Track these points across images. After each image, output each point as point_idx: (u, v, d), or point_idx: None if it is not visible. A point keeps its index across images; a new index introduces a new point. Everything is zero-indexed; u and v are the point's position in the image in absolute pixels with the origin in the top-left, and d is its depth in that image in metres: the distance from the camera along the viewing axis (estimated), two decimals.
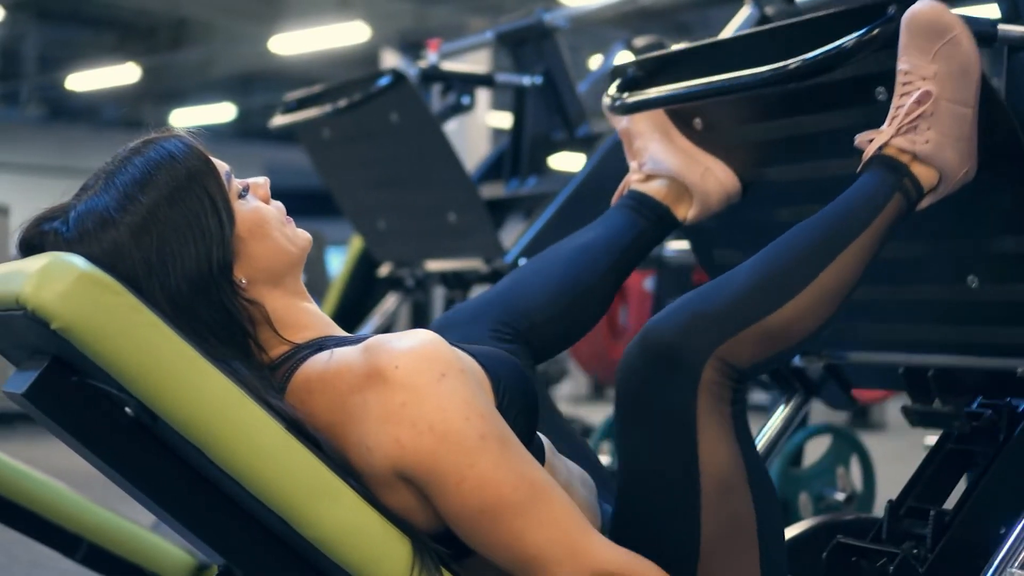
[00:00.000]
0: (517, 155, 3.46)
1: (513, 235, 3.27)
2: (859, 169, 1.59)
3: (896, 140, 1.56)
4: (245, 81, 14.29)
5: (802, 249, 1.51)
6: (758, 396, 4.80)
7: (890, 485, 1.97)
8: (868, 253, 1.53)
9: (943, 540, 1.76)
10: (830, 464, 3.30)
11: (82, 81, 13.06)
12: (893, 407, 6.83)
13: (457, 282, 3.36)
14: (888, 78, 1.59)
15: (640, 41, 3.79)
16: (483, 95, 3.66)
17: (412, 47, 8.27)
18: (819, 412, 4.05)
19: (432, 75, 3.37)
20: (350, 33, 10.53)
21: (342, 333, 1.51)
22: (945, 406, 1.87)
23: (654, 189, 1.90)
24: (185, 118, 15.41)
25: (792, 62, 1.57)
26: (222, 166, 1.46)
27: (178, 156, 1.42)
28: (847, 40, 1.54)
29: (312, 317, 1.49)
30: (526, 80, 3.43)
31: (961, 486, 1.88)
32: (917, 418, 1.92)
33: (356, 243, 4.39)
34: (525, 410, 1.44)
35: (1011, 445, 1.78)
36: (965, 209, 1.63)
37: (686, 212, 1.89)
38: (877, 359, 2.00)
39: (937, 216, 1.60)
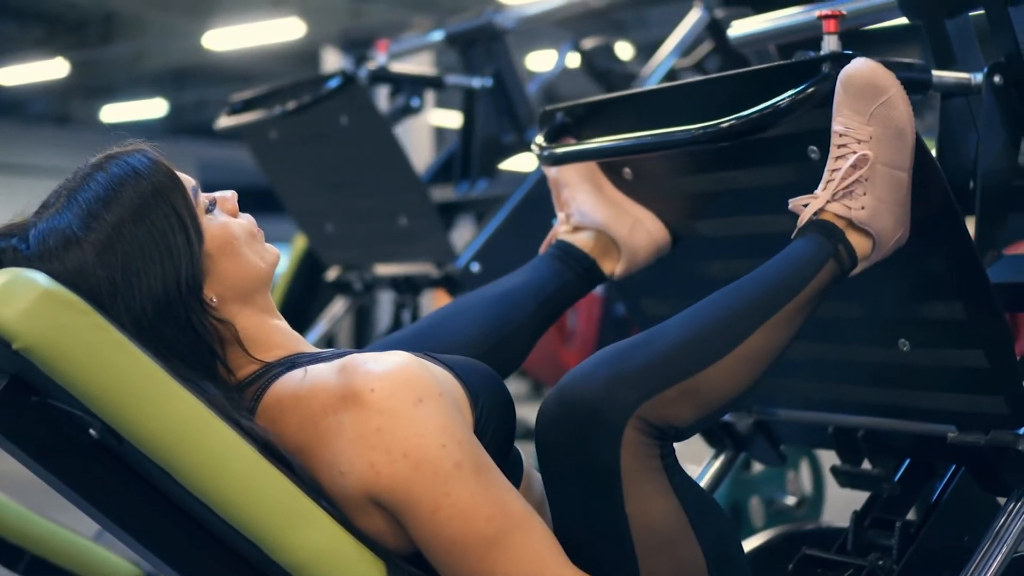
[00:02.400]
0: (467, 157, 3.44)
1: (462, 238, 3.24)
2: (793, 235, 1.55)
3: (831, 206, 1.52)
4: (177, 76, 14.13)
5: (731, 311, 1.47)
6: None
7: (838, 487, 1.96)
8: (798, 318, 1.49)
9: (909, 551, 1.77)
10: (780, 468, 3.31)
11: (9, 76, 12.84)
12: None
13: (407, 286, 3.32)
14: (821, 136, 1.55)
15: (588, 43, 3.79)
16: (428, 93, 3.62)
17: (353, 46, 8.21)
18: None
19: (381, 76, 3.33)
20: (285, 29, 10.44)
21: (313, 350, 1.47)
22: (875, 468, 1.85)
23: (581, 241, 1.84)
24: (115, 114, 15.22)
25: (725, 121, 1.53)
26: (188, 181, 1.42)
27: (143, 171, 1.38)
28: (781, 99, 1.50)
29: (282, 335, 1.46)
30: (476, 82, 3.41)
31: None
32: (846, 479, 1.90)
33: (299, 242, 4.34)
34: (503, 423, 1.42)
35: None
36: (897, 273, 1.61)
37: (613, 266, 1.84)
38: (807, 417, 1.96)
39: (870, 279, 1.57)
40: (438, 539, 1.30)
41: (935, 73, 1.67)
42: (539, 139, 1.82)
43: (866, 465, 1.90)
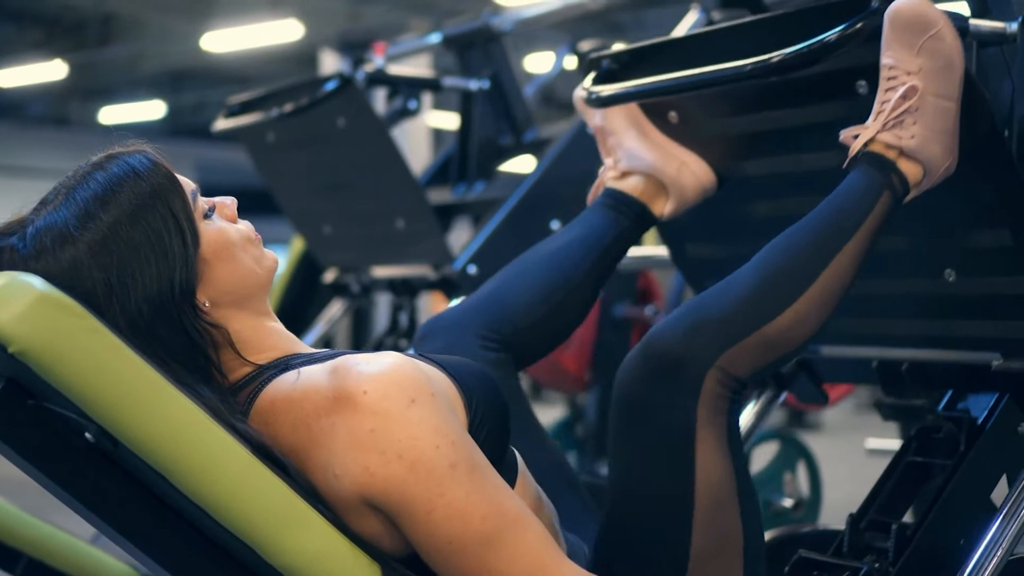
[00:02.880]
0: (464, 159, 3.44)
1: (460, 240, 3.24)
2: (845, 165, 1.59)
3: (882, 135, 1.57)
4: (175, 78, 14.13)
5: (798, 254, 1.51)
6: None
7: (833, 487, 1.97)
8: (862, 253, 1.54)
9: (905, 553, 1.76)
10: (777, 470, 3.32)
11: (7, 77, 12.83)
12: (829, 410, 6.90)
13: (404, 288, 3.32)
14: (869, 72, 1.59)
15: (586, 45, 3.79)
16: (425, 95, 3.62)
17: (351, 47, 8.21)
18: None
19: (378, 79, 3.33)
20: (283, 31, 10.44)
21: (308, 350, 1.47)
22: (918, 400, 1.87)
23: (630, 186, 1.89)
24: (114, 115, 15.22)
25: (775, 55, 1.57)
26: (188, 184, 1.41)
27: (142, 172, 1.37)
28: (831, 34, 1.53)
29: (276, 336, 1.45)
30: (473, 84, 3.41)
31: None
32: (890, 412, 1.92)
33: (297, 244, 4.34)
34: (498, 425, 1.41)
35: (971, 457, 1.79)
36: (944, 203, 1.64)
37: (662, 208, 1.89)
38: (850, 353, 1.99)
39: (916, 210, 1.60)
40: (434, 540, 1.30)
41: (971, 22, 1.68)
42: (586, 83, 1.85)
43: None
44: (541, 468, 1.61)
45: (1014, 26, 1.72)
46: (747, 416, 2.20)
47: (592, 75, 1.87)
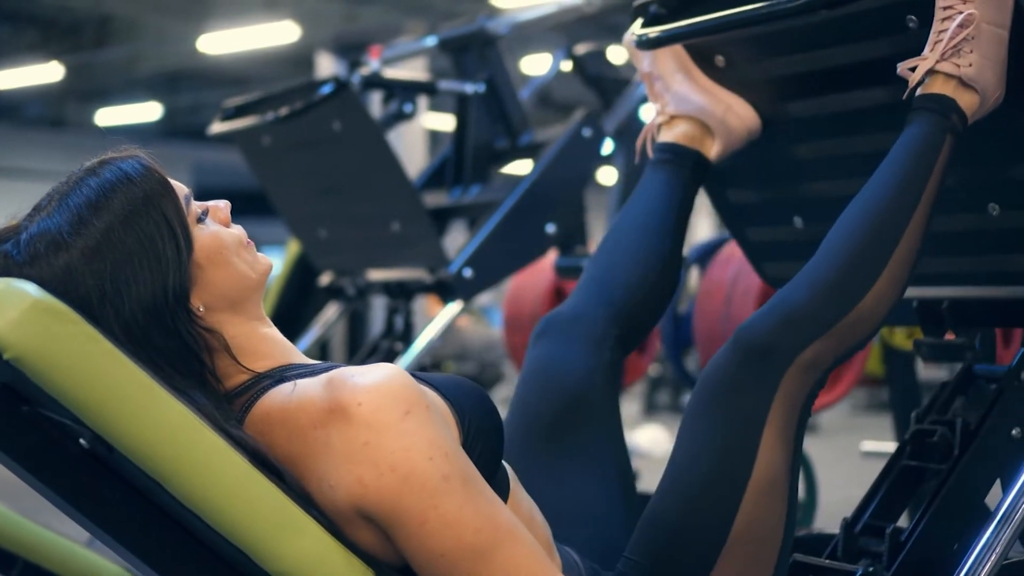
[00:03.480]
0: (460, 163, 3.44)
1: (455, 243, 3.24)
2: (905, 95, 1.60)
3: (942, 65, 1.59)
4: (171, 80, 14.12)
5: (872, 229, 1.55)
6: None
7: (829, 489, 1.97)
8: (932, 206, 1.58)
9: (900, 557, 1.76)
10: None
11: (3, 79, 12.82)
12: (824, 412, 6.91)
13: (400, 292, 3.32)
14: (918, 6, 1.60)
15: (582, 48, 3.79)
16: (420, 98, 3.63)
17: (347, 50, 8.21)
18: None
19: (374, 82, 3.33)
20: (280, 33, 10.44)
21: (304, 360, 1.47)
22: (959, 338, 1.89)
23: (680, 135, 1.94)
24: (110, 117, 15.21)
25: None
26: (181, 189, 1.41)
27: (135, 178, 1.37)
28: None
29: (272, 344, 1.45)
30: (469, 87, 3.41)
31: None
32: (930, 351, 1.93)
33: (293, 247, 4.33)
34: (491, 442, 1.41)
35: (965, 461, 1.79)
36: (989, 136, 1.65)
37: (710, 151, 1.94)
38: None
39: (961, 144, 1.61)
40: (426, 551, 1.30)
41: None
42: (635, 26, 1.87)
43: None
44: (604, 474, 1.67)
45: None
46: None
47: (640, 20, 1.89)
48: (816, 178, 1.65)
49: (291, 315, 4.28)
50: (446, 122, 9.47)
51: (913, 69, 1.62)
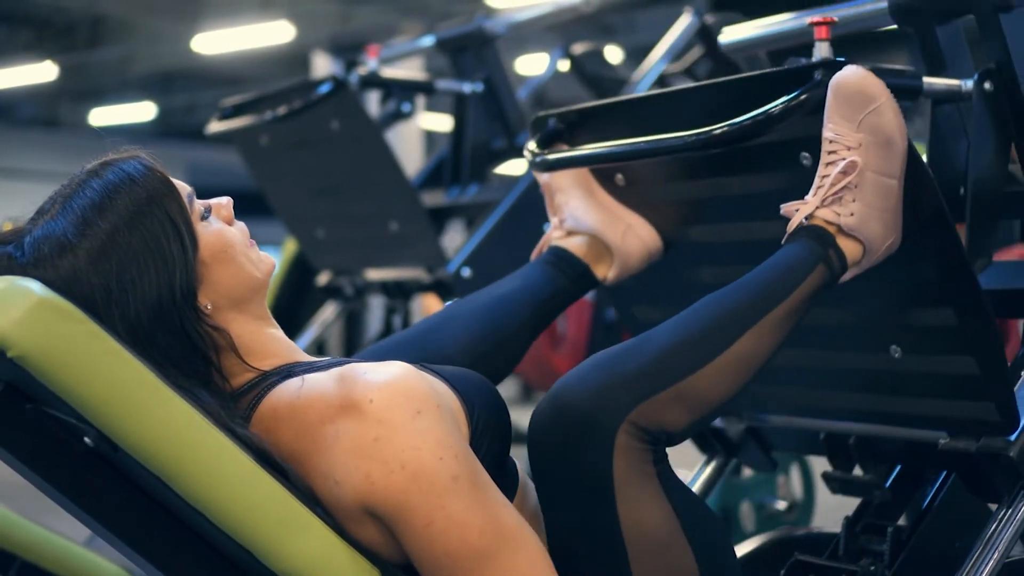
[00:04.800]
0: (458, 162, 3.44)
1: (453, 243, 3.24)
2: (784, 240, 1.56)
3: (821, 211, 1.53)
4: (165, 80, 14.10)
5: (721, 315, 1.47)
6: None
7: (826, 489, 1.97)
8: (787, 323, 1.49)
9: (901, 556, 1.77)
10: (771, 474, 3.32)
11: None
12: None
13: (398, 291, 3.32)
14: (813, 143, 1.56)
15: (579, 48, 3.80)
16: (418, 98, 3.62)
17: (342, 50, 8.21)
18: None
19: (372, 81, 3.33)
20: (275, 33, 10.43)
21: (307, 358, 1.47)
22: (866, 474, 1.86)
23: (574, 246, 1.84)
24: (104, 117, 15.18)
25: (718, 127, 1.53)
26: (184, 188, 1.41)
27: (138, 178, 1.37)
28: (775, 105, 1.50)
29: (277, 343, 1.45)
30: (466, 87, 3.41)
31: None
32: (837, 485, 1.91)
33: (290, 246, 4.33)
34: (498, 435, 1.41)
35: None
36: (889, 280, 1.61)
37: (606, 271, 1.84)
38: (798, 423, 1.97)
39: (861, 285, 1.57)
40: (431, 551, 1.30)
41: (925, 80, 1.68)
42: (531, 145, 1.81)
43: (857, 471, 1.90)
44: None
45: (969, 84, 1.71)
46: (698, 484, 2.17)
47: (536, 137, 1.83)
48: None
49: (288, 315, 4.28)
50: (443, 122, 9.47)
51: (798, 210, 1.56)
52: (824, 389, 1.85)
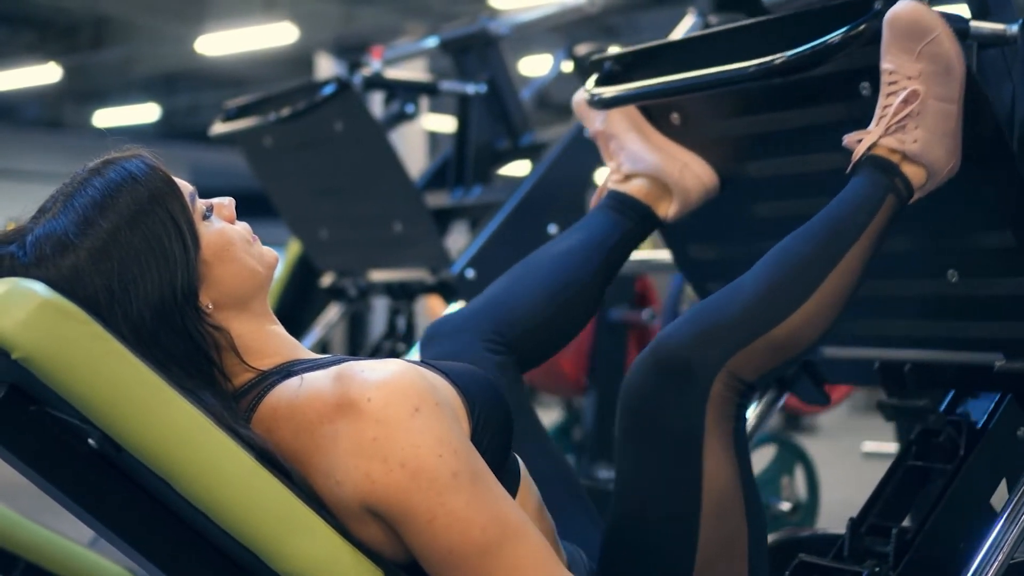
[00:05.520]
0: (461, 163, 3.44)
1: (457, 244, 3.24)
2: (849, 170, 1.60)
3: (885, 140, 1.58)
4: (169, 81, 14.12)
5: (804, 257, 1.53)
6: None
7: (830, 490, 1.97)
8: (867, 255, 1.55)
9: (906, 558, 1.76)
10: (775, 474, 3.32)
11: (1, 80, 12.81)
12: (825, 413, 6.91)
13: (402, 292, 3.32)
14: (872, 73, 1.60)
15: (582, 48, 3.79)
16: (422, 99, 3.63)
17: (345, 51, 8.21)
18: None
19: (375, 83, 3.33)
20: (278, 34, 10.43)
21: (310, 355, 1.46)
22: (920, 401, 1.88)
23: (634, 188, 1.90)
24: (107, 118, 15.20)
25: (778, 57, 1.57)
26: (186, 187, 1.41)
27: (140, 177, 1.37)
28: (833, 36, 1.54)
29: (279, 341, 1.45)
30: (470, 88, 3.41)
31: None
32: (891, 413, 1.92)
33: (293, 247, 4.33)
34: (500, 431, 1.41)
35: (971, 461, 1.79)
36: (948, 204, 1.64)
37: (666, 210, 1.90)
38: (852, 354, 1.99)
39: (920, 211, 1.61)
40: (434, 548, 1.30)
41: (972, 23, 1.68)
42: (589, 85, 1.85)
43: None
44: (544, 474, 1.61)
45: (1014, 28, 1.72)
46: (749, 417, 2.20)
47: (594, 77, 1.87)
48: (775, 236, 1.61)
49: (292, 316, 4.27)
50: (446, 123, 9.47)
51: (861, 140, 1.60)
52: (879, 318, 1.88)
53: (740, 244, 1.66)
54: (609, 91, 1.80)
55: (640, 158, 1.89)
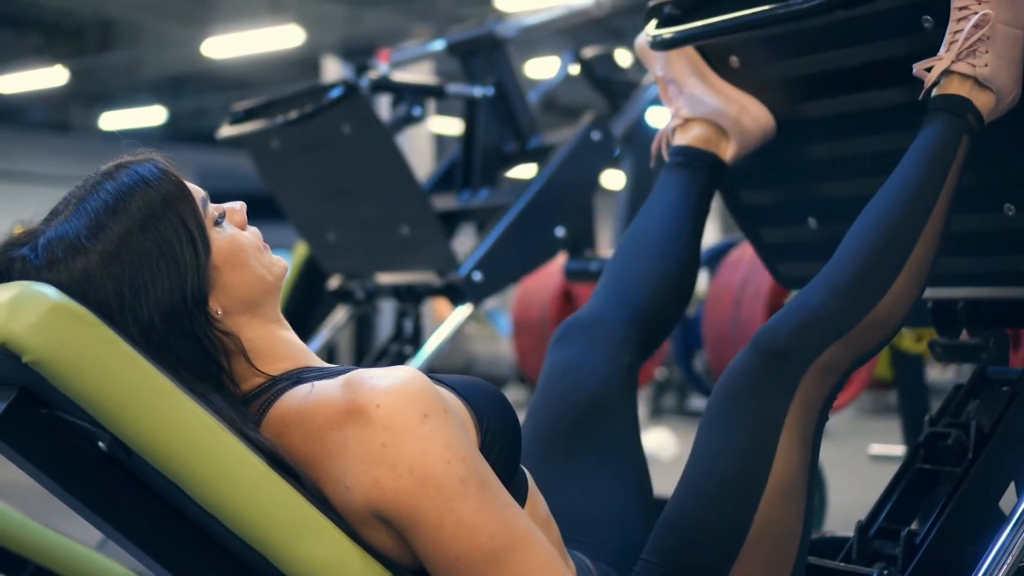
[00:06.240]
0: (468, 166, 3.44)
1: (464, 247, 3.24)
2: (921, 96, 1.60)
3: (957, 65, 1.60)
4: (175, 84, 14.14)
5: (889, 230, 1.55)
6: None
7: (837, 492, 1.97)
8: (948, 210, 1.58)
9: (914, 560, 1.76)
10: None
11: (7, 83, 12.84)
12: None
13: (409, 295, 3.32)
14: (934, 6, 1.61)
15: (589, 51, 3.79)
16: (428, 102, 3.63)
17: (353, 53, 8.22)
18: None
19: (383, 85, 3.34)
20: (284, 37, 10.44)
21: (320, 363, 1.46)
22: (973, 339, 1.88)
23: (695, 138, 1.94)
24: (114, 121, 15.22)
25: None
26: (198, 192, 1.41)
27: (152, 181, 1.37)
28: None
29: (289, 347, 1.45)
30: (477, 91, 3.41)
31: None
32: (944, 352, 1.93)
33: (301, 250, 4.34)
34: (508, 445, 1.41)
35: (979, 464, 1.78)
36: (1005, 136, 1.65)
37: (726, 152, 1.94)
38: None
39: (978, 143, 1.61)
40: (442, 555, 1.30)
41: None
42: (650, 27, 1.88)
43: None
44: (624, 480, 1.68)
45: None
46: None
47: (654, 21, 1.89)
48: (830, 179, 1.65)
49: (299, 319, 4.28)
50: (453, 126, 9.47)
51: (929, 69, 1.62)
52: None
53: (794, 188, 1.69)
54: (669, 32, 1.82)
55: (699, 101, 1.93)
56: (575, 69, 3.83)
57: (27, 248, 1.36)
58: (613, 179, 4.62)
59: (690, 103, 1.95)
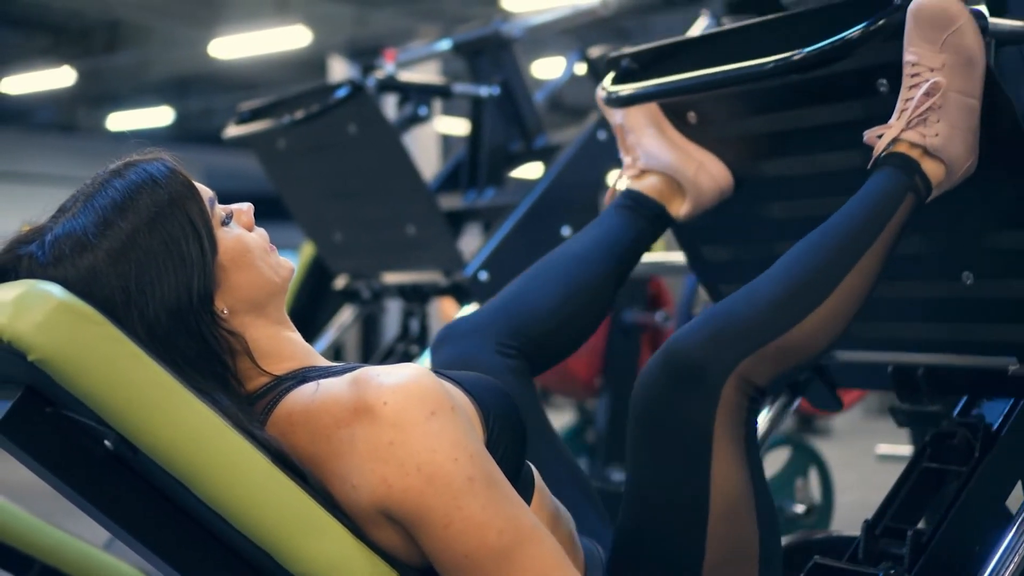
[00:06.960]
0: (475, 166, 3.44)
1: (470, 246, 3.24)
2: (869, 166, 1.58)
3: (906, 134, 1.57)
4: (182, 84, 14.14)
5: (820, 259, 1.51)
6: None
7: (844, 492, 1.97)
8: (883, 257, 1.54)
9: (921, 560, 1.76)
10: (789, 476, 3.31)
11: (15, 84, 12.85)
12: (838, 415, 6.89)
13: (415, 295, 3.32)
14: (890, 70, 1.58)
15: (595, 51, 3.79)
16: (435, 101, 3.63)
17: (360, 54, 8.22)
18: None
19: (389, 85, 3.34)
20: (291, 37, 10.44)
21: (324, 363, 1.47)
22: (934, 406, 1.87)
23: (648, 187, 1.90)
24: (121, 122, 15.24)
25: (797, 53, 1.56)
26: (206, 191, 1.41)
27: (160, 180, 1.38)
28: (853, 31, 1.53)
29: (294, 347, 1.45)
30: (483, 91, 3.41)
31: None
32: (905, 418, 1.92)
33: (307, 250, 4.34)
34: (514, 441, 1.41)
35: (986, 463, 1.78)
36: (963, 204, 1.63)
37: (679, 209, 1.91)
38: (865, 358, 1.98)
39: (935, 211, 1.59)
40: (450, 553, 1.30)
41: (991, 20, 1.67)
42: (606, 82, 1.86)
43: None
44: (557, 477, 1.61)
45: None
46: (761, 422, 2.19)
47: (612, 75, 1.87)
48: (790, 237, 1.60)
49: (306, 319, 4.28)
50: (459, 126, 9.47)
51: (881, 136, 1.59)
52: (893, 321, 1.86)
53: (754, 246, 1.64)
54: (626, 89, 1.80)
55: (656, 155, 1.90)
56: (581, 69, 3.83)
57: (35, 245, 1.37)
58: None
59: (646, 156, 1.91)
